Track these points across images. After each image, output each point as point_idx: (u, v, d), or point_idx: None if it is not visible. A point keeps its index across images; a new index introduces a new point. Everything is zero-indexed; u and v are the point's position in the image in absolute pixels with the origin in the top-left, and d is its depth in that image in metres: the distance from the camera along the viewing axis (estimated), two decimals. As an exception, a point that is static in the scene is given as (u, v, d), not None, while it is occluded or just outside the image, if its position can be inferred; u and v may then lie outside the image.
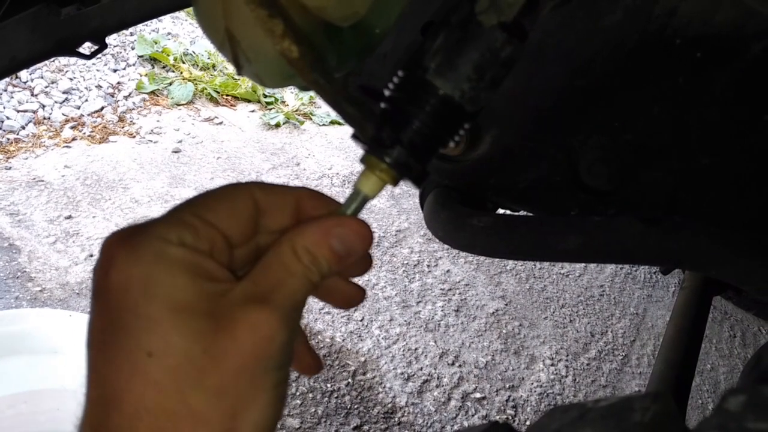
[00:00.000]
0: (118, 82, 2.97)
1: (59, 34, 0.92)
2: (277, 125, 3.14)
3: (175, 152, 2.63)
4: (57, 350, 1.17)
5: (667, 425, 0.26)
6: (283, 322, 0.30)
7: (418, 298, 2.17)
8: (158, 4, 1.07)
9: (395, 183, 0.37)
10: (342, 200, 0.37)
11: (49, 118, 2.62)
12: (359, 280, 0.41)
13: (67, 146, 2.50)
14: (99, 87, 2.89)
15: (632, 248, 0.70)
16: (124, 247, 0.29)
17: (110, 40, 3.11)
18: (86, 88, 2.86)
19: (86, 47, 0.99)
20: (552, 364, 2.09)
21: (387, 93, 0.37)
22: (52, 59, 2.60)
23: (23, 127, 2.53)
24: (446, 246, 1.72)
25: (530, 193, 0.79)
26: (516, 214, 0.79)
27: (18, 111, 2.60)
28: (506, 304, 2.29)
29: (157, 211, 2.24)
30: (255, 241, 0.36)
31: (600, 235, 0.70)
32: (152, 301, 0.28)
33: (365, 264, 0.39)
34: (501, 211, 0.90)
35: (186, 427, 0.28)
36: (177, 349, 0.28)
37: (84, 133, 2.60)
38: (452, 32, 0.36)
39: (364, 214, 0.37)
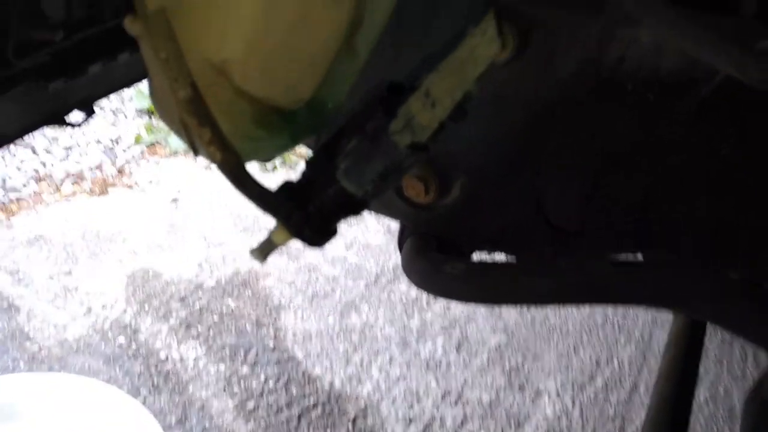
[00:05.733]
0: (118, 136, 3.03)
1: (47, 106, 0.96)
2: (274, 168, 3.18)
3: (174, 201, 2.67)
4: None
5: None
6: None
7: (418, 335, 2.17)
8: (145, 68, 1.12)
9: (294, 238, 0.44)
10: None
11: (50, 175, 2.68)
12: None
13: (67, 201, 2.55)
14: (99, 142, 2.95)
15: (602, 289, 0.71)
16: None
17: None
18: (86, 143, 2.92)
19: (75, 114, 1.03)
20: (558, 398, 2.08)
21: (302, 171, 0.41)
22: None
23: (25, 185, 2.58)
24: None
25: (503, 237, 0.82)
26: (491, 261, 0.82)
27: (20, 170, 2.66)
28: (508, 337, 2.29)
29: (156, 261, 2.27)
30: None
31: (570, 278, 0.72)
32: None
33: None
34: (479, 254, 0.92)
35: None
36: None
37: (84, 188, 2.66)
38: (365, 141, 0.40)
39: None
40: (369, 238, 2.48)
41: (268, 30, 0.43)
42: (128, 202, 2.61)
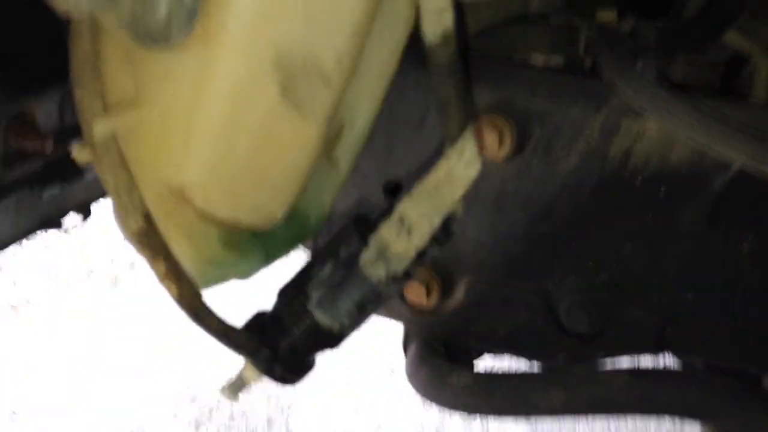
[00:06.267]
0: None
1: (43, 212, 0.94)
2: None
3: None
4: None
5: None
6: None
7: (437, 431, 2.06)
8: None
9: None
10: None
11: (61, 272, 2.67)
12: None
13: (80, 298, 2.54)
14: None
15: (618, 403, 0.66)
16: None
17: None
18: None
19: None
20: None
21: (272, 308, 0.38)
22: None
23: (35, 285, 2.57)
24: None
25: (513, 340, 0.77)
26: (500, 372, 0.76)
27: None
28: (532, 428, 2.17)
29: (165, 359, 2.22)
30: None
31: (583, 390, 0.67)
32: None
33: None
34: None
35: None
36: None
37: (93, 281, 2.64)
38: (338, 268, 0.36)
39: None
40: (382, 325, 2.41)
41: (229, 151, 0.40)
42: (138, 296, 2.59)
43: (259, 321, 0.40)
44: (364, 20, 0.39)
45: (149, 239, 0.38)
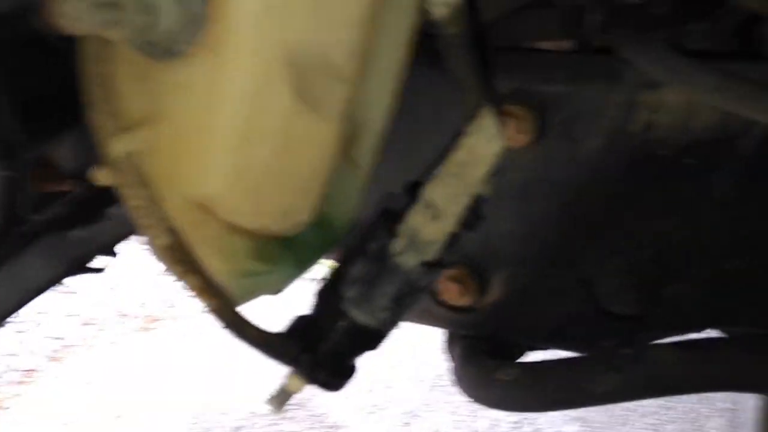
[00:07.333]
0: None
1: (69, 255, 0.95)
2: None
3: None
4: None
5: None
6: None
7: (487, 438, 2.02)
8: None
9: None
10: None
11: (94, 318, 2.70)
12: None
13: (114, 343, 2.55)
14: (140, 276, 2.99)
15: (672, 380, 0.64)
16: None
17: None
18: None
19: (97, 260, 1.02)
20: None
21: (308, 312, 0.37)
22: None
23: (70, 333, 2.60)
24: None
25: (558, 331, 0.76)
26: (547, 361, 0.74)
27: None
28: (583, 426, 2.12)
29: (208, 391, 2.22)
30: None
31: (637, 371, 0.65)
32: None
33: None
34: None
35: None
36: None
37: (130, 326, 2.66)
38: (370, 264, 0.35)
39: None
40: (424, 334, 2.39)
41: (248, 157, 0.39)
42: (176, 335, 2.60)
43: (297, 327, 0.40)
44: (371, 11, 0.39)
45: (178, 254, 0.37)
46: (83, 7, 0.31)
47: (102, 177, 0.39)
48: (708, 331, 0.76)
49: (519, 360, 0.79)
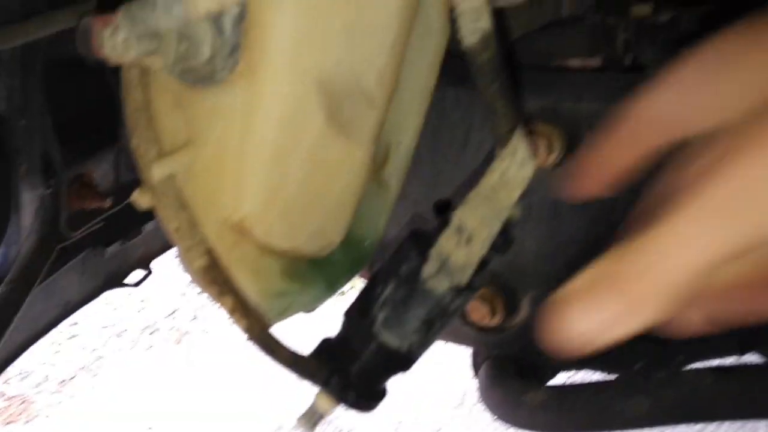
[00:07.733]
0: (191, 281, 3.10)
1: (106, 270, 0.97)
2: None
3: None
4: None
5: None
6: None
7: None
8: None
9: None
10: None
11: (126, 330, 2.74)
12: None
13: (145, 355, 2.59)
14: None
15: (708, 405, 0.62)
16: None
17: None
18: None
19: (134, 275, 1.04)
20: None
21: (337, 333, 0.38)
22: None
23: (104, 345, 2.64)
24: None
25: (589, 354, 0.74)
26: (576, 385, 0.73)
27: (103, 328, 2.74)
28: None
29: (236, 406, 2.23)
30: None
31: (668, 394, 0.63)
32: None
33: None
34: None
35: None
36: None
37: (161, 338, 2.70)
38: (400, 286, 0.35)
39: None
40: (451, 351, 2.38)
41: (282, 180, 0.40)
42: (206, 348, 2.62)
43: (326, 347, 0.40)
44: (401, 35, 0.40)
45: (214, 276, 0.38)
46: (128, 38, 0.33)
47: (143, 200, 0.41)
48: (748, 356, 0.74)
49: (549, 381, 0.78)
